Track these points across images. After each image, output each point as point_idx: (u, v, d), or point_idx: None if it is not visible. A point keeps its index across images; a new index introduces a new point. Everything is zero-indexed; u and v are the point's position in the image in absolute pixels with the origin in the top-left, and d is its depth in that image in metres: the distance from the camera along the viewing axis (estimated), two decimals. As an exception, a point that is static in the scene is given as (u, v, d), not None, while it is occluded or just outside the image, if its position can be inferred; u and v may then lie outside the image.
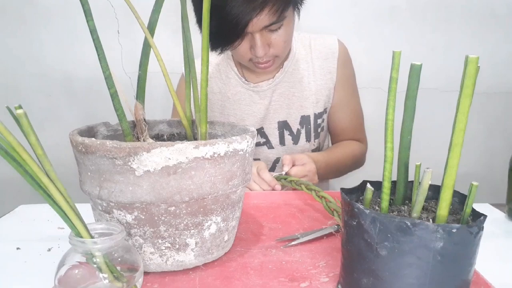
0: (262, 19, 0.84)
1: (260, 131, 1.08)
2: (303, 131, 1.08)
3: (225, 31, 0.85)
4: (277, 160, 1.10)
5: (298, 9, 0.92)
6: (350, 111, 1.12)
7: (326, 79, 1.07)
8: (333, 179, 1.29)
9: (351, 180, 0.74)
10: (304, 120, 1.07)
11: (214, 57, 1.11)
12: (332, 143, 1.18)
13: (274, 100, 1.07)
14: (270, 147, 1.09)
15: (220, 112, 1.10)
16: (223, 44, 0.89)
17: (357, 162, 1.14)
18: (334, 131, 1.14)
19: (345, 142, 1.12)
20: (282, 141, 1.09)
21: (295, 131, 1.08)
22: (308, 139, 1.09)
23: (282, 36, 0.90)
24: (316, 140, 1.10)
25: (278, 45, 0.91)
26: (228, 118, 1.09)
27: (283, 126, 1.08)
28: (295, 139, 1.08)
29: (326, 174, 1.04)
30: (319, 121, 1.09)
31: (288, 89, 1.06)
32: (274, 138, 1.09)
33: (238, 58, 0.97)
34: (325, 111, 1.09)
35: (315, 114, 1.08)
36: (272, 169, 1.11)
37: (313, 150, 1.11)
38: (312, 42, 1.08)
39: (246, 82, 1.07)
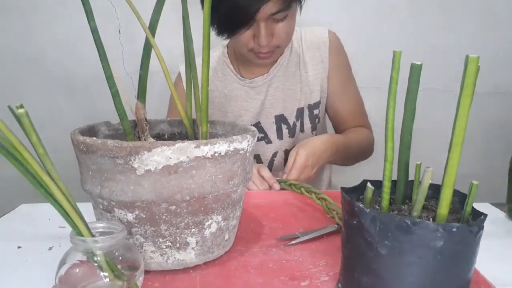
0: (270, 6, 0.85)
1: (257, 126, 1.09)
2: (298, 124, 1.08)
3: (233, 18, 0.86)
4: (275, 154, 1.11)
5: (301, 3, 0.93)
6: (348, 98, 1.12)
7: (319, 68, 1.07)
8: (334, 180, 1.29)
9: (352, 179, 0.74)
10: (300, 112, 1.08)
11: (211, 60, 1.12)
12: (337, 133, 1.17)
13: (270, 95, 1.07)
14: (268, 141, 1.10)
15: (218, 109, 1.11)
16: (230, 30, 0.90)
17: (370, 148, 1.14)
18: (336, 121, 1.14)
19: (356, 128, 1.12)
20: (280, 135, 1.09)
21: (291, 124, 1.08)
22: (303, 130, 1.09)
23: (286, 27, 0.92)
24: (314, 132, 1.10)
25: (281, 36, 0.93)
26: (225, 115, 1.10)
27: (280, 120, 1.08)
28: (291, 132, 1.09)
29: (343, 157, 1.04)
30: (315, 111, 1.09)
31: (283, 83, 1.07)
32: (271, 132, 1.09)
33: (239, 47, 0.97)
34: (320, 101, 1.09)
35: (309, 105, 1.08)
36: (270, 163, 1.11)
37: None
38: (303, 34, 1.09)
39: (242, 78, 1.08)
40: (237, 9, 0.84)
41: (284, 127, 1.09)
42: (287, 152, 1.10)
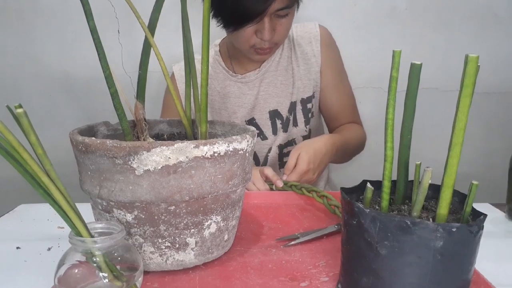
0: (277, 2, 0.87)
1: (252, 122, 1.09)
2: (291, 118, 1.09)
3: (242, 12, 0.87)
4: (269, 150, 1.10)
5: (299, 2, 0.94)
6: (341, 93, 1.12)
7: (311, 63, 1.08)
8: (333, 179, 1.29)
9: (351, 179, 0.74)
10: (293, 106, 1.08)
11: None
12: (329, 129, 1.17)
13: (263, 90, 1.08)
14: (264, 138, 1.10)
15: (211, 107, 1.11)
16: (237, 24, 0.91)
17: (362, 144, 1.15)
18: (329, 115, 1.14)
19: (350, 125, 1.12)
20: (274, 131, 1.10)
21: (284, 118, 1.09)
22: (296, 125, 1.09)
23: (287, 23, 0.94)
24: (307, 126, 1.10)
25: (282, 32, 0.94)
26: (219, 113, 1.10)
27: (275, 115, 1.09)
28: (285, 126, 1.09)
29: (341, 156, 1.05)
30: (308, 105, 1.09)
31: (275, 77, 1.08)
32: (267, 128, 1.10)
33: (241, 43, 0.97)
34: (313, 95, 1.10)
35: (303, 99, 1.08)
36: (265, 159, 1.11)
37: (304, 137, 1.11)
38: (294, 30, 1.09)
39: (234, 74, 1.08)
40: (247, 5, 0.85)
41: (278, 122, 1.09)
42: (280, 147, 1.10)
